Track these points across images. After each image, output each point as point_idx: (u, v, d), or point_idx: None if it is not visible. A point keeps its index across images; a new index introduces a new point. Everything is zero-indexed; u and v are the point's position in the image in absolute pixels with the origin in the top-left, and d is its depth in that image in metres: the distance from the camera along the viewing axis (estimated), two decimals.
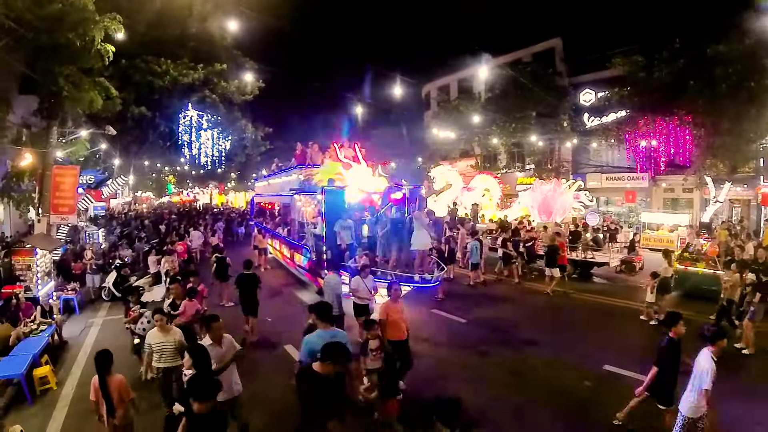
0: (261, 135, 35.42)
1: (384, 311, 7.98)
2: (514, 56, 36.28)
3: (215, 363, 5.93)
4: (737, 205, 28.55)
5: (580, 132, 32.68)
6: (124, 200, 49.94)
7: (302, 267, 16.57)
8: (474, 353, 10.35)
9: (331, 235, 13.64)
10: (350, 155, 15.81)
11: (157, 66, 22.87)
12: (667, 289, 12.84)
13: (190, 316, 9.27)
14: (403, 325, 8.05)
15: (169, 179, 59.42)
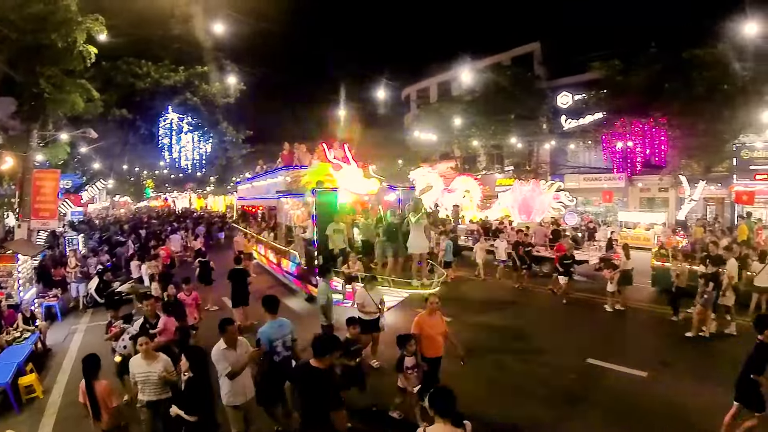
0: (242, 138, 34.83)
1: (418, 325, 6.94)
2: (493, 60, 36.33)
3: (231, 367, 5.66)
4: (711, 204, 28.99)
5: (558, 134, 33.01)
6: (102, 205, 49.07)
7: (290, 273, 15.67)
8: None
9: (322, 239, 12.95)
10: (340, 156, 14.98)
11: (139, 68, 22.27)
12: (629, 281, 13.57)
13: (172, 334, 7.91)
14: (439, 341, 6.96)
15: (147, 183, 58.58)
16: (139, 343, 6.19)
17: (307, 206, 13.96)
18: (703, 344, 10.51)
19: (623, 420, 7.28)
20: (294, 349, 6.70)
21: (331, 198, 13.38)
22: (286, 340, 6.56)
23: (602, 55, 27.70)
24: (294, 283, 15.54)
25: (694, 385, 8.40)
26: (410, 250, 12.22)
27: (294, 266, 15.07)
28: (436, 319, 7.09)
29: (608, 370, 9.11)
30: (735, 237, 17.75)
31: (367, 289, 9.33)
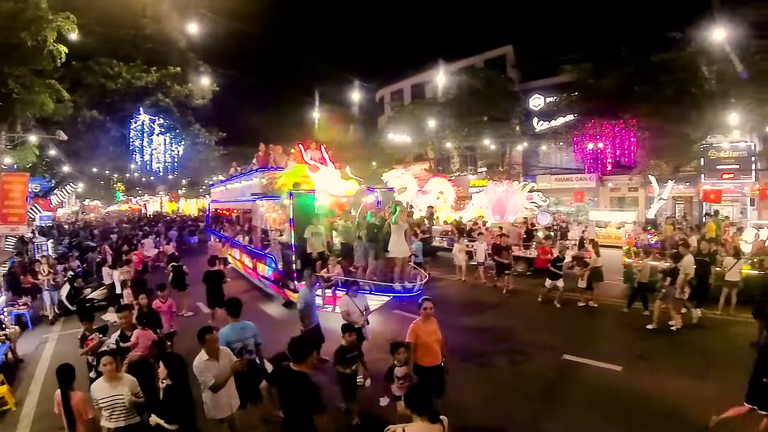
0: (215, 140, 34.25)
1: (413, 333, 6.55)
2: (467, 62, 36.45)
3: (214, 379, 5.46)
4: (680, 202, 29.69)
5: (530, 135, 33.34)
6: (71, 209, 47.83)
7: (267, 278, 15.06)
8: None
9: (300, 242, 12.62)
10: (317, 157, 14.65)
11: (110, 68, 21.66)
12: (600, 277, 13.92)
13: (146, 348, 7.40)
14: (436, 348, 6.60)
15: (118, 187, 57.21)
16: (103, 363, 5.52)
17: (284, 209, 13.54)
18: (673, 337, 10.83)
19: (602, 413, 7.38)
20: (259, 353, 6.84)
21: (308, 200, 13.08)
22: (248, 344, 6.63)
23: (573, 58, 28.18)
24: (271, 287, 15.02)
25: (667, 376, 8.64)
26: (391, 254, 11.93)
27: (271, 271, 14.53)
28: (431, 326, 6.71)
29: (584, 365, 9.26)
30: (703, 234, 18.16)
31: (351, 295, 8.91)
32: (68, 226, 34.94)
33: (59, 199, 31.31)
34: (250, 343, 6.69)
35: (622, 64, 25.52)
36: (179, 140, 32.28)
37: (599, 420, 7.22)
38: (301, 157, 14.62)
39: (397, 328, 10.93)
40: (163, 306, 9.89)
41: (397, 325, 11.29)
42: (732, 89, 21.75)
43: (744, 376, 7.05)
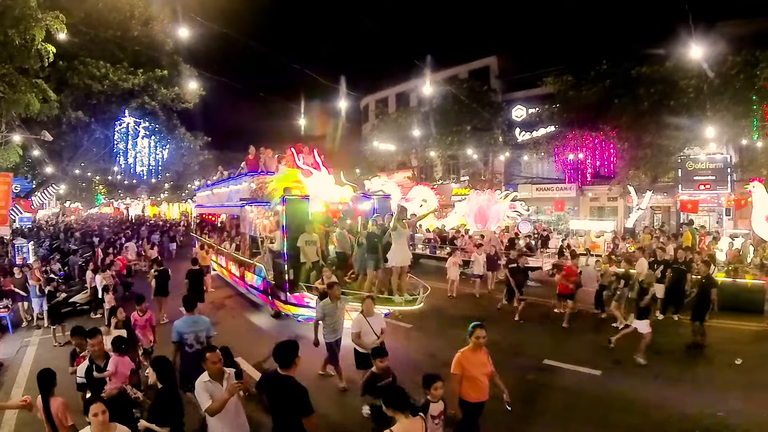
0: (200, 144, 33.89)
1: (459, 364, 5.65)
2: (451, 72, 36.31)
3: (215, 403, 4.87)
4: (658, 212, 30.07)
5: (512, 145, 33.43)
6: (51, 211, 46.97)
7: (255, 288, 14.37)
8: (425, 355, 10.17)
9: (293, 251, 11.78)
10: (309, 161, 13.79)
11: (97, 69, 21.00)
12: (578, 284, 13.66)
13: (125, 379, 6.48)
14: (485, 383, 5.76)
15: (99, 189, 56.28)
16: (92, 413, 4.37)
17: (275, 215, 12.85)
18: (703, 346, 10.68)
19: (580, 415, 7.47)
20: (209, 344, 6.77)
21: (302, 206, 12.32)
22: (199, 336, 7.08)
23: (555, 70, 28.52)
24: (259, 297, 14.39)
25: (643, 380, 8.76)
26: (391, 263, 11.07)
27: (260, 280, 13.77)
28: (481, 357, 5.82)
29: (564, 370, 9.33)
30: (680, 243, 18.48)
31: (365, 313, 7.78)
32: (50, 228, 34.22)
33: (40, 201, 30.69)
34: (202, 335, 7.11)
35: (602, 77, 25.82)
36: (164, 144, 31.93)
37: (577, 422, 7.27)
38: (294, 161, 13.95)
39: (402, 344, 10.53)
40: (141, 319, 9.10)
41: (402, 341, 10.90)
42: (708, 103, 22.04)
43: (718, 378, 7.33)
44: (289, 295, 11.71)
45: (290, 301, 11.81)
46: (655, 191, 27.12)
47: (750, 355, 9.69)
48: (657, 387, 8.46)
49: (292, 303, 11.83)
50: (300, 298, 11.59)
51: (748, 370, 9.08)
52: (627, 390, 8.32)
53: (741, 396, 7.97)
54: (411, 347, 10.59)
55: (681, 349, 10.50)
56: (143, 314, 9.18)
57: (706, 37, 19.30)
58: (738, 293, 13.18)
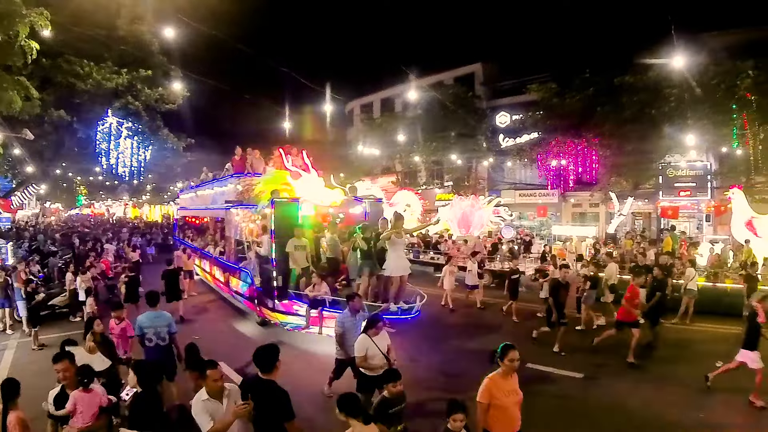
0: (183, 145, 33.43)
1: (488, 391, 4.90)
2: (436, 78, 36.41)
3: (217, 424, 4.43)
4: (639, 218, 30.36)
5: (496, 151, 33.54)
6: (31, 211, 46.18)
7: (241, 294, 13.64)
8: (407, 359, 9.80)
9: (282, 257, 11.22)
10: (298, 163, 13.18)
11: (80, 67, 20.55)
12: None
13: (91, 418, 5.52)
14: (516, 413, 5.04)
15: (80, 190, 55.33)
16: None
17: (263, 219, 12.20)
18: (626, 344, 10.61)
19: (564, 417, 7.53)
20: (173, 341, 7.51)
21: (292, 210, 11.70)
22: (160, 331, 7.29)
23: (539, 78, 28.75)
24: (245, 304, 13.66)
25: (625, 382, 8.88)
26: (389, 273, 10.19)
27: (246, 286, 13.08)
28: (512, 383, 5.11)
29: (548, 373, 9.36)
30: (660, 248, 18.75)
31: (370, 334, 6.68)
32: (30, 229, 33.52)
33: (20, 201, 30.06)
34: (163, 330, 7.30)
35: (585, 85, 26.00)
36: (147, 145, 31.43)
37: (560, 425, 7.31)
38: (282, 163, 13.35)
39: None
40: (116, 328, 8.14)
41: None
42: (689, 112, 22.34)
43: (700, 381, 7.88)
44: (277, 303, 11.16)
45: (278, 309, 11.23)
46: (637, 197, 27.30)
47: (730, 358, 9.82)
48: (639, 389, 8.55)
49: (280, 311, 11.22)
50: (289, 306, 11.07)
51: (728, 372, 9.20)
52: (609, 393, 8.40)
53: (721, 398, 8.14)
54: (411, 361, 10.02)
55: (663, 353, 10.65)
56: (120, 322, 8.21)
57: (688, 47, 19.62)
58: (718, 297, 13.46)
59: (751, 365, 7.85)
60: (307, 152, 13.32)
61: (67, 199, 58.05)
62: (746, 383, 8.14)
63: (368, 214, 13.22)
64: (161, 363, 7.11)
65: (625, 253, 19.40)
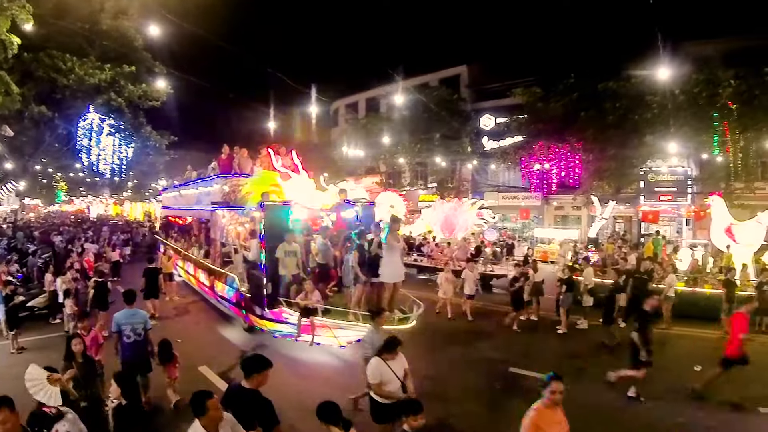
0: (166, 143, 32.93)
1: (535, 425, 4.58)
2: (422, 80, 36.26)
3: None
4: (621, 221, 30.58)
5: (479, 154, 33.59)
6: (10, 208, 45.33)
7: (227, 299, 12.94)
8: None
9: (271, 262, 10.65)
10: (288, 164, 12.80)
11: (63, 62, 19.84)
12: (540, 292, 14.17)
13: None
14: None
15: (60, 186, 54.32)
16: None
17: (252, 222, 11.69)
18: (608, 348, 11.18)
19: None
20: (147, 337, 7.83)
21: (282, 213, 11.10)
22: (136, 327, 7.68)
23: (524, 82, 28.70)
24: (231, 310, 12.99)
25: (605, 386, 8.84)
26: (384, 279, 9.75)
27: (232, 291, 12.44)
28: (558, 416, 4.77)
29: (530, 377, 9.15)
30: (642, 253, 18.98)
31: (386, 357, 5.84)
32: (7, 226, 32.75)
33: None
34: (139, 327, 7.71)
35: (569, 90, 26.05)
36: (129, 142, 30.91)
37: None
38: (270, 163, 12.82)
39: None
40: (85, 339, 7.48)
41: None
42: (671, 118, 22.50)
43: (679, 385, 8.46)
44: (266, 311, 10.62)
45: (267, 317, 10.70)
46: (618, 201, 27.46)
47: (709, 362, 9.96)
48: (619, 394, 8.57)
49: (269, 318, 10.69)
50: (278, 314, 10.52)
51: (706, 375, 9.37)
52: (590, 397, 8.33)
53: (700, 402, 8.22)
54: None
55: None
56: (87, 332, 7.89)
57: (671, 55, 19.96)
58: (698, 302, 13.60)
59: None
60: (296, 152, 12.99)
61: (47, 196, 56.93)
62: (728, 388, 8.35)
63: (360, 217, 12.67)
64: (139, 358, 7.66)
65: (607, 257, 19.60)
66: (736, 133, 22.18)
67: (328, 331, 9.52)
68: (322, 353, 10.08)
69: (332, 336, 9.44)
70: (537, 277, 14.05)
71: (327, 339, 9.70)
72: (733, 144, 22.63)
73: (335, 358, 10.13)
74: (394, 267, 9.75)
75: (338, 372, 9.52)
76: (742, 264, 15.16)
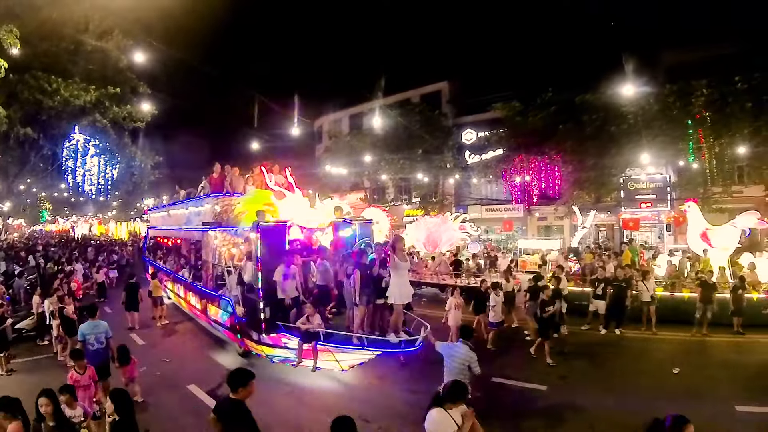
0: (151, 163, 32.78)
1: None
2: (404, 96, 36.45)
3: None
4: (603, 229, 30.85)
5: (462, 168, 33.69)
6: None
7: (220, 323, 12.02)
8: (375, 378, 9.85)
9: (268, 284, 10.09)
10: (281, 181, 12.23)
11: (48, 84, 19.44)
12: (512, 302, 14.31)
13: None
14: None
15: (44, 205, 53.51)
16: None
17: (247, 243, 11.04)
18: (592, 356, 11.28)
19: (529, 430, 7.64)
20: (108, 344, 8.69)
21: (278, 234, 10.56)
22: (99, 336, 8.56)
23: (504, 96, 29.03)
24: (225, 334, 12.18)
25: (586, 393, 8.98)
26: (392, 300, 9.19)
27: (226, 315, 11.53)
28: None
29: (512, 386, 9.38)
30: (620, 261, 19.27)
31: (448, 407, 4.67)
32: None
33: None
34: (102, 336, 8.59)
35: (547, 103, 26.48)
36: (114, 162, 30.73)
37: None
38: (264, 182, 12.26)
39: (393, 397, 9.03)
40: (82, 378, 7.12)
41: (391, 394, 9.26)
42: (648, 128, 22.95)
43: (659, 387, 8.59)
44: (264, 336, 9.92)
45: (264, 342, 9.99)
46: (599, 210, 27.74)
47: (687, 364, 10.29)
48: (601, 398, 8.65)
49: (267, 344, 9.99)
50: (277, 339, 9.87)
51: (686, 377, 9.56)
52: (572, 403, 8.47)
53: (680, 403, 8.21)
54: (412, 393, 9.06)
55: (624, 362, 10.82)
56: (83, 371, 7.19)
57: (645, 67, 20.52)
58: (676, 306, 13.70)
59: None
60: (274, 170, 12.51)
61: (31, 215, 56.29)
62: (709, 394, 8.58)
63: (358, 236, 12.19)
64: (101, 363, 8.34)
65: (586, 266, 19.85)
66: (711, 140, 22.60)
67: (330, 356, 9.14)
68: (323, 378, 9.65)
69: (334, 360, 9.07)
70: (507, 287, 14.19)
71: (329, 363, 9.25)
72: (708, 150, 23.04)
73: (337, 383, 9.70)
74: (401, 287, 9.17)
75: (342, 397, 9.15)
76: (719, 267, 15.43)
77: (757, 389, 8.80)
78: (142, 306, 15.16)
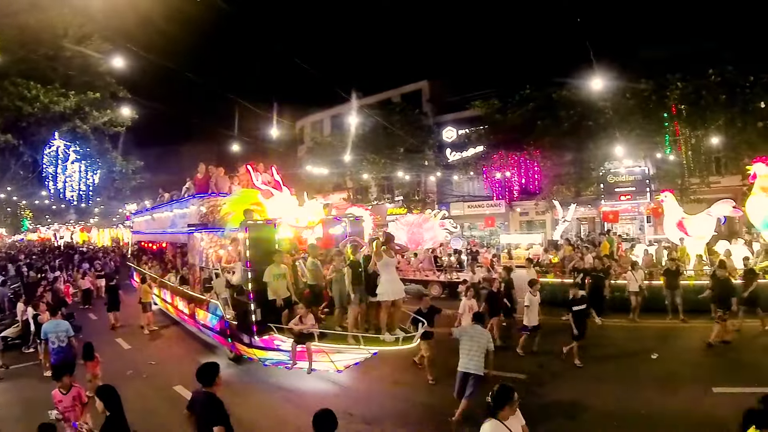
0: (132, 168, 32.41)
1: None
2: (384, 96, 36.49)
3: None
4: (584, 223, 31.07)
5: (443, 166, 33.69)
6: None
7: (210, 327, 11.70)
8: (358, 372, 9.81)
9: (260, 287, 9.56)
10: (268, 180, 11.80)
11: (27, 90, 19.13)
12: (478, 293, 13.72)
13: None
14: None
15: (25, 214, 52.59)
16: None
17: (234, 243, 10.80)
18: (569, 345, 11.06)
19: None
20: (71, 342, 9.05)
21: (267, 233, 10.07)
22: (60, 335, 8.90)
23: (483, 94, 29.30)
24: (215, 339, 11.79)
25: (565, 381, 9.20)
26: (383, 297, 8.89)
27: (216, 320, 11.24)
28: None
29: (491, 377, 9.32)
30: (598, 252, 19.57)
31: (502, 416, 4.31)
32: None
33: None
34: (62, 335, 8.93)
35: (525, 100, 26.72)
36: (95, 169, 30.33)
37: None
38: (249, 181, 11.93)
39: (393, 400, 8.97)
40: (65, 398, 6.57)
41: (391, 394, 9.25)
42: (625, 121, 23.30)
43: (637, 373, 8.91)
44: (255, 339, 9.54)
45: (256, 345, 9.63)
46: (580, 204, 27.94)
47: (664, 350, 10.55)
48: (582, 387, 8.83)
49: (259, 346, 9.64)
50: (269, 342, 9.50)
51: (663, 362, 9.77)
52: (552, 392, 8.62)
53: (657, 388, 8.45)
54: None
55: (603, 351, 10.90)
56: (67, 391, 6.59)
57: (621, 61, 20.85)
58: (654, 294, 13.91)
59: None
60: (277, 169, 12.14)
61: (12, 224, 55.47)
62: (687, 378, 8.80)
63: (347, 234, 12.01)
64: (63, 360, 8.64)
65: (565, 258, 20.09)
66: (687, 132, 23.08)
67: (325, 356, 8.86)
68: (317, 379, 9.52)
69: (329, 361, 8.81)
70: (474, 278, 14.50)
71: (323, 364, 8.97)
72: (684, 142, 23.53)
73: (332, 384, 9.59)
74: (393, 284, 8.94)
75: (338, 397, 9.03)
76: (696, 255, 15.74)
77: (732, 371, 9.07)
78: (129, 311, 15.68)
